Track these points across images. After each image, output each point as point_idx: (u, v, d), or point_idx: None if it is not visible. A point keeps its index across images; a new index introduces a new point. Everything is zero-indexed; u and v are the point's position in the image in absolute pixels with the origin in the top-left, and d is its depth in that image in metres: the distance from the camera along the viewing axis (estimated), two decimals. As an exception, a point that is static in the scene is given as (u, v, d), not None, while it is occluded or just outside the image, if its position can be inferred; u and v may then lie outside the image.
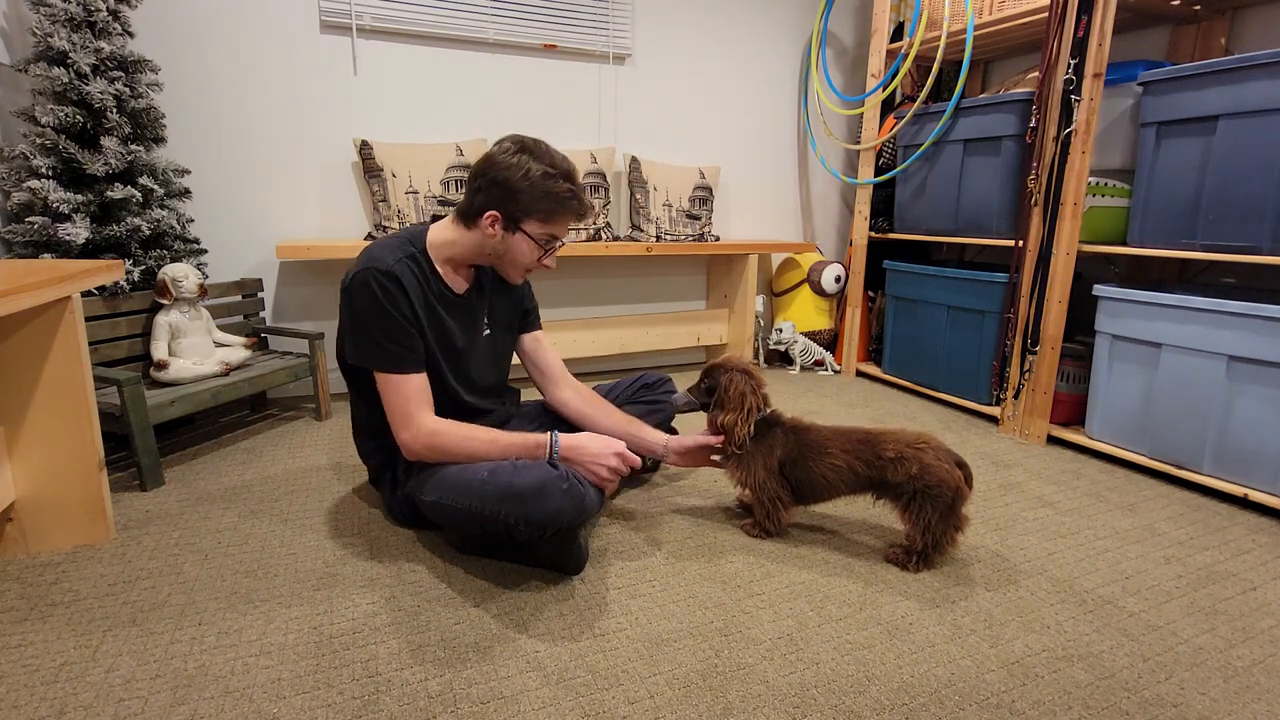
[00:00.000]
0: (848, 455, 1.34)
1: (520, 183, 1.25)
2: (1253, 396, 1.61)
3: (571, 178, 1.29)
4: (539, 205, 1.27)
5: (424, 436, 1.26)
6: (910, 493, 1.28)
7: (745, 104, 3.00)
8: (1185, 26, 2.17)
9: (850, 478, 1.34)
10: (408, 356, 1.27)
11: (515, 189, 1.25)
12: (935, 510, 1.27)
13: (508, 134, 1.32)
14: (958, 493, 1.27)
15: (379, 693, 0.96)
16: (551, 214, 1.29)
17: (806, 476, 1.38)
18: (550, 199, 1.27)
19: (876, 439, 1.33)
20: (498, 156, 1.27)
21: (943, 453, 1.30)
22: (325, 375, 2.15)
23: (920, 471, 1.26)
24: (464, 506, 1.20)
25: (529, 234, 1.30)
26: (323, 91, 2.30)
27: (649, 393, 1.70)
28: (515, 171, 1.25)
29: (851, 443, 1.35)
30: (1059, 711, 0.95)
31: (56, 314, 1.25)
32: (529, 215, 1.28)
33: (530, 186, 1.25)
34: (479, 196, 1.28)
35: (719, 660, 1.05)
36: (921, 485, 1.26)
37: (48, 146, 1.67)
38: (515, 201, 1.27)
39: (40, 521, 1.32)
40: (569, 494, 1.17)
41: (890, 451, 1.30)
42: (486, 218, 1.28)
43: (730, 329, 2.92)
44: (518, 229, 1.29)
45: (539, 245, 1.32)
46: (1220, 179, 1.68)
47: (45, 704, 0.93)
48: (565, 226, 1.35)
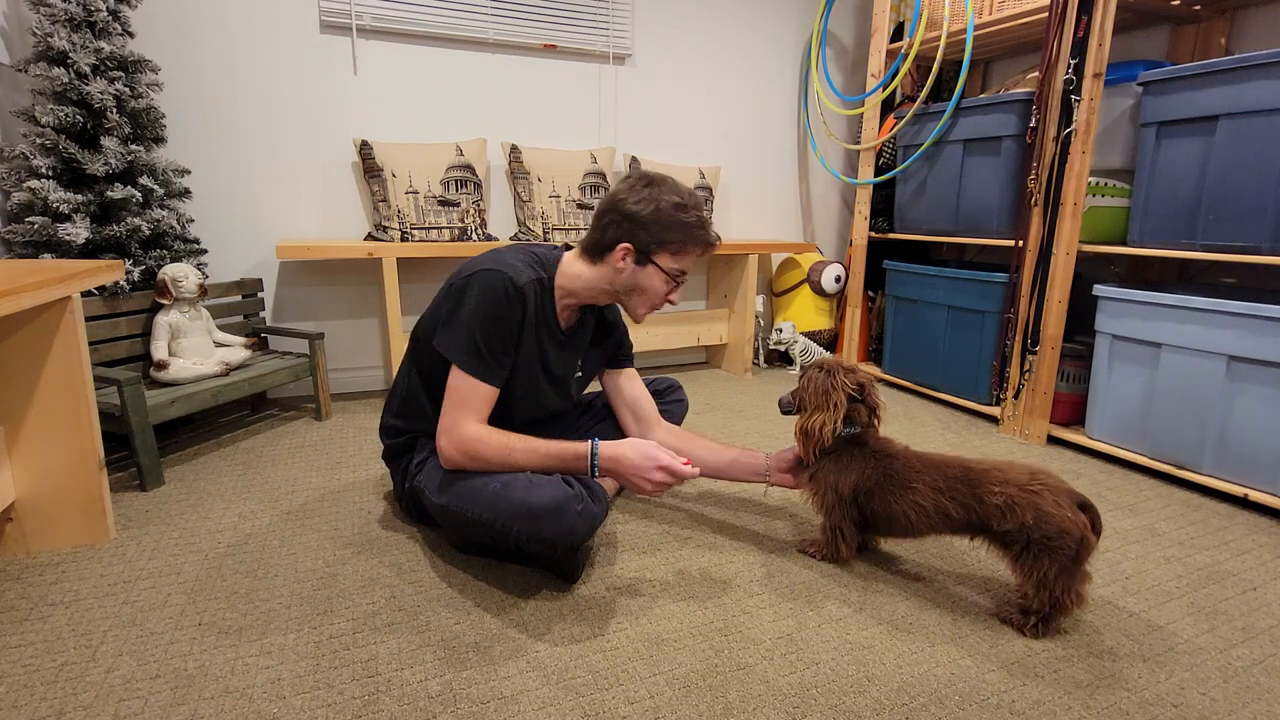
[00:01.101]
0: (938, 495, 1.17)
1: (652, 215, 1.26)
2: (1253, 396, 1.61)
3: (699, 208, 1.30)
4: (671, 236, 1.27)
5: (464, 444, 1.22)
6: (1023, 543, 1.09)
7: (745, 104, 3.01)
8: (1185, 26, 2.17)
9: (939, 520, 1.17)
10: (493, 368, 1.24)
11: (647, 221, 1.26)
12: (1054, 564, 1.07)
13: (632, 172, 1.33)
14: (1082, 544, 1.06)
15: (379, 693, 0.96)
16: (683, 245, 1.29)
17: (885, 510, 1.22)
18: (681, 230, 1.27)
19: (979, 478, 1.14)
20: (628, 191, 1.28)
21: (1063, 495, 1.09)
22: (325, 375, 2.15)
23: (1036, 520, 1.07)
24: (474, 516, 1.19)
25: (660, 266, 1.29)
26: (323, 91, 2.30)
27: (659, 399, 1.65)
28: (647, 205, 1.26)
29: (946, 479, 1.17)
30: (1059, 711, 0.95)
31: (56, 314, 1.25)
32: (661, 247, 1.28)
33: (661, 218, 1.26)
34: (610, 230, 1.28)
35: (719, 660, 1.05)
36: (1038, 536, 1.07)
37: (48, 146, 1.67)
38: (647, 233, 1.27)
39: (40, 521, 1.32)
40: (583, 515, 1.17)
41: (997, 497, 1.11)
42: (619, 250, 1.28)
43: (730, 329, 2.93)
44: (649, 262, 1.29)
45: (669, 278, 1.31)
46: (1220, 179, 1.68)
47: (45, 704, 0.93)
48: (693, 258, 1.33)
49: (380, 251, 2.13)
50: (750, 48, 2.96)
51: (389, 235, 2.26)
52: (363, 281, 2.47)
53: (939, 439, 2.10)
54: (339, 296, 2.45)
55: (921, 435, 2.13)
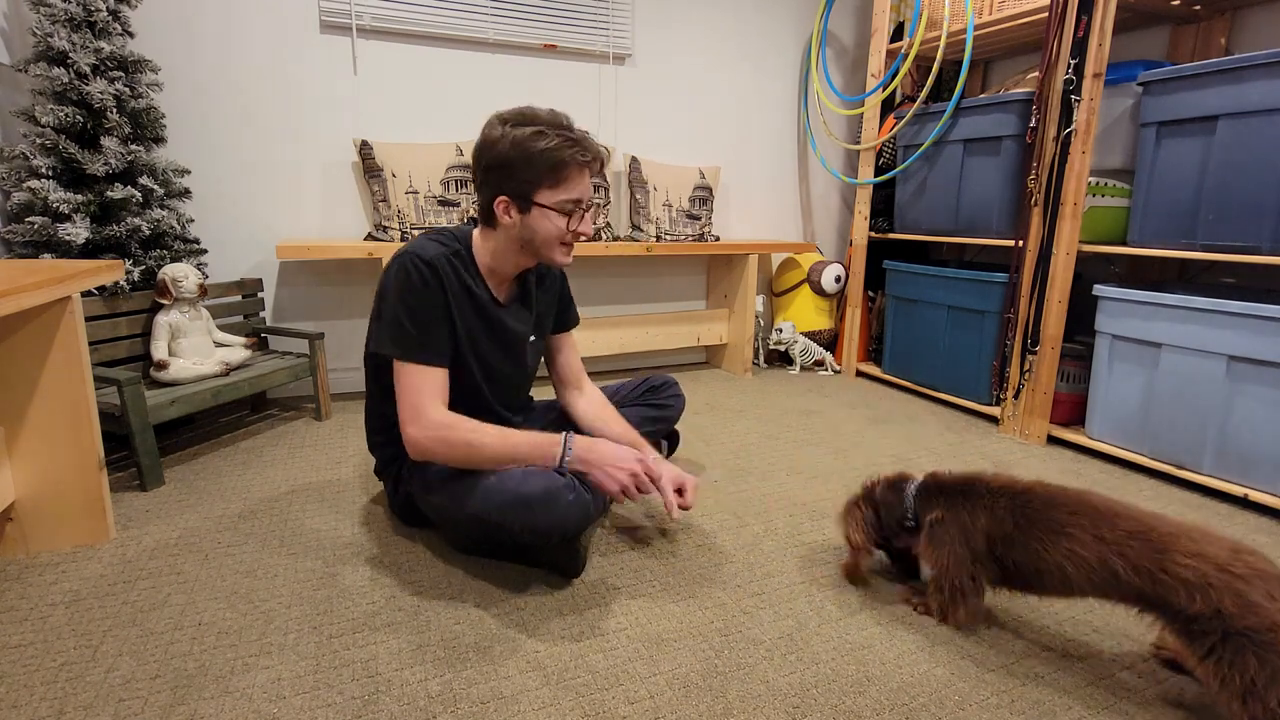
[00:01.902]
0: (1103, 546, 0.93)
1: (510, 154, 1.15)
2: (1253, 396, 1.61)
3: (564, 127, 1.17)
4: (540, 168, 1.16)
5: (432, 429, 1.17)
6: (1217, 636, 0.84)
7: (745, 104, 3.00)
8: (1185, 26, 2.17)
9: (1104, 579, 0.93)
10: (430, 346, 1.20)
11: (508, 163, 1.15)
12: (1264, 669, 0.81)
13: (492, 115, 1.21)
14: None
15: (379, 693, 0.96)
16: (558, 173, 1.17)
17: (1031, 561, 1.00)
18: (548, 157, 1.15)
19: (1163, 540, 0.90)
20: (484, 138, 1.18)
21: (1276, 584, 0.84)
22: (325, 375, 2.15)
23: (1239, 611, 0.83)
24: (468, 511, 1.19)
25: (545, 205, 1.19)
26: (323, 91, 2.30)
27: (654, 395, 1.67)
28: (503, 145, 1.15)
29: (1115, 529, 0.94)
30: (1059, 711, 0.95)
31: (56, 314, 1.25)
32: (536, 186, 1.17)
33: (522, 154, 1.14)
34: (484, 190, 1.21)
35: (719, 660, 1.05)
36: (1239, 628, 0.83)
37: (48, 146, 1.67)
38: (514, 177, 1.16)
39: (40, 521, 1.32)
40: (576, 503, 1.17)
41: (1186, 569, 0.87)
42: (498, 205, 1.20)
43: (730, 329, 2.92)
44: (532, 205, 1.19)
45: (562, 213, 1.20)
46: (1220, 179, 1.68)
47: (45, 704, 0.93)
48: (580, 182, 1.21)
49: (380, 251, 2.13)
50: (750, 48, 2.96)
51: (389, 235, 2.26)
52: (363, 281, 2.47)
53: (939, 439, 2.10)
54: (339, 296, 2.45)
55: (921, 435, 2.13)
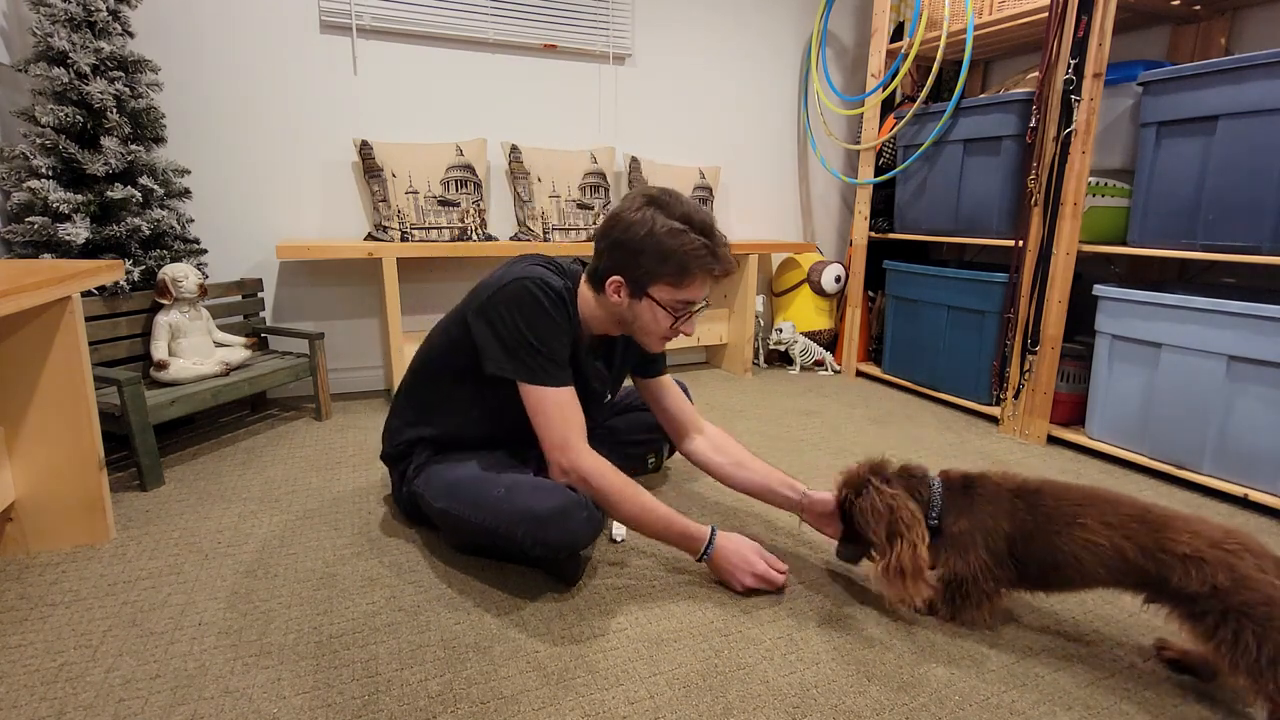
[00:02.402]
0: (1112, 531, 0.97)
1: (644, 242, 1.11)
2: (1253, 396, 1.61)
3: (706, 231, 1.14)
4: (666, 267, 1.13)
5: (589, 474, 1.17)
6: (1217, 614, 0.88)
7: (745, 104, 3.00)
8: (1185, 26, 2.17)
9: (1115, 563, 0.97)
10: (565, 371, 1.18)
11: (638, 249, 1.12)
12: (1268, 643, 0.84)
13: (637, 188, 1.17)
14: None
15: (379, 693, 0.96)
16: (683, 276, 1.14)
17: (1049, 556, 1.02)
18: (679, 259, 1.12)
19: (1161, 521, 0.96)
20: (622, 213, 1.15)
21: (1268, 561, 0.89)
22: (325, 375, 2.15)
23: (1233, 585, 0.87)
24: (477, 521, 1.18)
25: (657, 300, 1.16)
26: (323, 91, 2.30)
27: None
28: (639, 229, 1.11)
29: (1119, 515, 0.99)
30: (1059, 711, 0.95)
31: (56, 314, 1.25)
32: (656, 279, 1.14)
33: (655, 245, 1.11)
34: (603, 260, 1.18)
35: (719, 660, 1.05)
36: (1235, 603, 0.87)
37: (48, 146, 1.67)
38: (638, 264, 1.13)
39: (40, 521, 1.32)
40: (589, 520, 1.16)
41: (1183, 545, 0.92)
42: (611, 284, 1.17)
43: (730, 329, 2.92)
44: (644, 295, 1.16)
45: (670, 312, 1.17)
46: (1220, 179, 1.68)
47: (45, 704, 0.93)
48: (702, 288, 1.18)
49: (380, 251, 2.13)
50: (750, 48, 2.96)
51: (389, 235, 2.26)
52: (363, 281, 2.47)
53: (939, 439, 2.10)
54: (339, 296, 2.45)
55: (921, 435, 2.13)
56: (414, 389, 1.40)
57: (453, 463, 1.31)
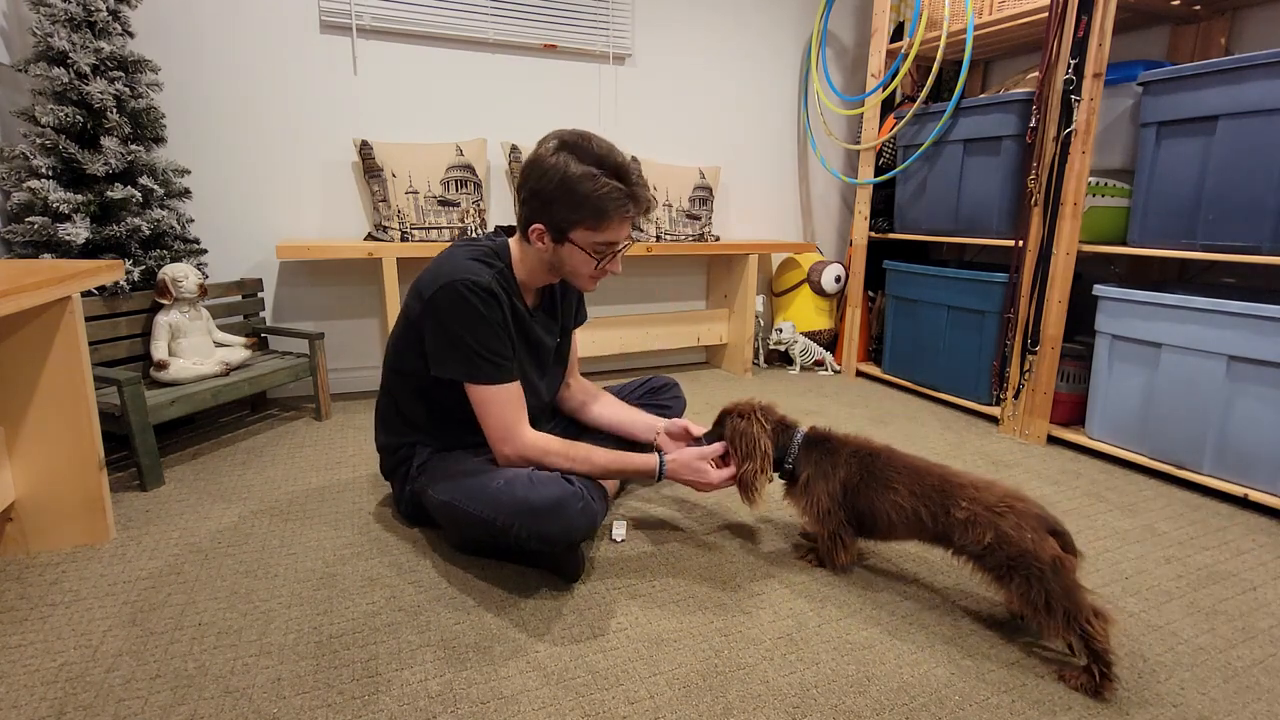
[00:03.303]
0: (915, 499, 1.14)
1: (558, 190, 1.13)
2: (1253, 396, 1.61)
3: (620, 174, 1.15)
4: (582, 213, 1.14)
5: (530, 453, 1.23)
6: (998, 565, 1.04)
7: (745, 104, 3.00)
8: (1185, 26, 2.17)
9: (915, 525, 1.15)
10: (505, 367, 1.22)
11: (552, 198, 1.14)
12: (1039, 587, 0.99)
13: (553, 130, 1.19)
14: (1056, 565, 0.99)
15: (379, 693, 0.96)
16: (599, 220, 1.15)
17: (869, 509, 1.20)
18: (594, 204, 1.13)
19: (952, 490, 1.11)
20: (537, 159, 1.16)
21: (1030, 519, 1.03)
22: (325, 375, 2.15)
23: (996, 541, 1.03)
24: (475, 513, 1.19)
25: (578, 244, 1.18)
26: (323, 91, 2.30)
27: (655, 396, 1.70)
28: (553, 176, 1.13)
29: (923, 485, 1.14)
30: (1059, 711, 0.95)
31: (56, 314, 1.25)
32: (574, 225, 1.16)
33: (568, 192, 1.13)
34: (524, 208, 1.21)
35: (719, 660, 1.05)
36: (1003, 557, 1.03)
37: (48, 146, 1.67)
38: (555, 211, 1.15)
39: (40, 521, 1.32)
40: (584, 512, 1.17)
41: (962, 511, 1.08)
42: (533, 231, 1.20)
43: (730, 329, 2.92)
44: (565, 240, 1.19)
45: (592, 255, 1.20)
46: (1220, 179, 1.68)
47: (45, 704, 0.93)
48: (620, 229, 1.20)
49: (380, 251, 2.13)
50: (750, 48, 2.96)
51: (389, 235, 2.26)
52: (363, 281, 2.47)
53: (939, 439, 2.10)
54: (339, 296, 2.45)
55: (921, 435, 2.13)
56: (394, 403, 1.39)
57: (455, 458, 1.32)
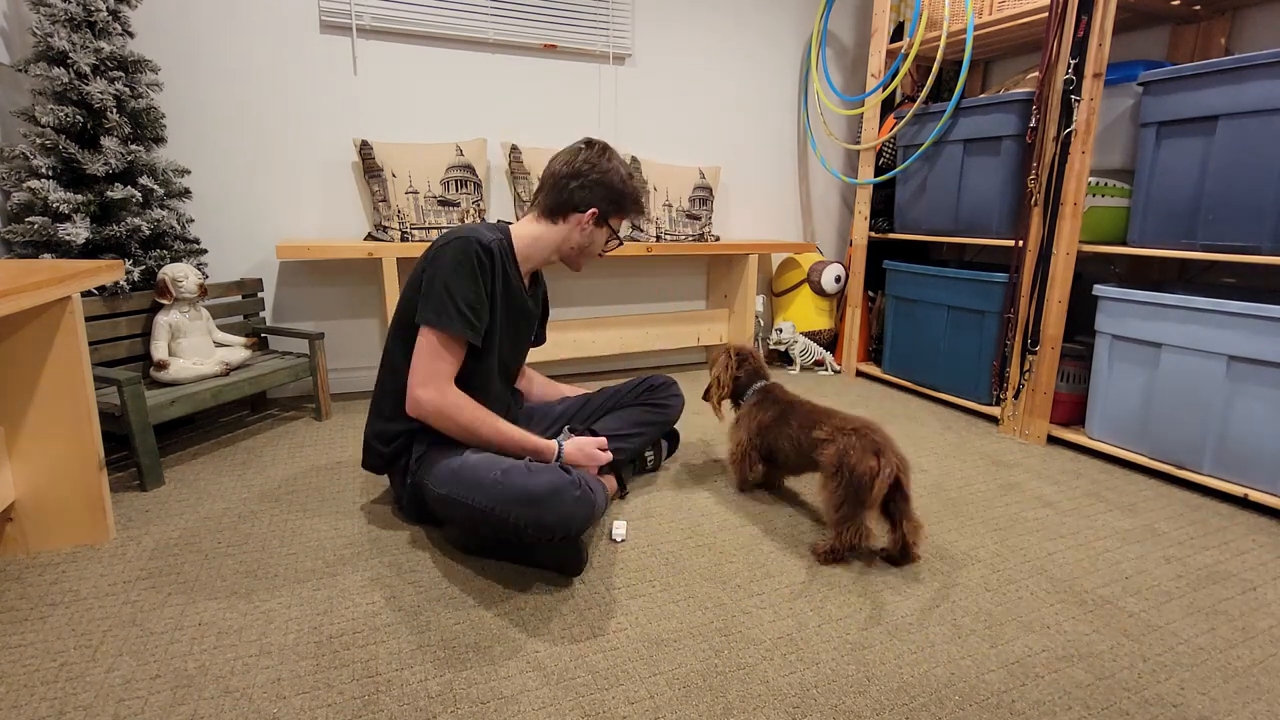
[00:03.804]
0: (799, 429, 1.44)
1: (620, 184, 1.44)
2: (1253, 396, 1.61)
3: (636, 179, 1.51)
4: (626, 203, 1.47)
5: (442, 401, 1.31)
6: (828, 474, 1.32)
7: (745, 104, 3.00)
8: (1185, 26, 2.17)
9: (796, 450, 1.45)
10: (471, 328, 1.32)
11: (616, 189, 1.44)
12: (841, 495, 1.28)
13: (582, 141, 1.46)
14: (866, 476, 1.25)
15: (379, 693, 0.96)
16: (626, 212, 1.49)
17: (774, 443, 1.52)
18: (633, 198, 1.47)
19: (819, 418, 1.41)
20: (595, 159, 1.43)
21: (864, 440, 1.29)
22: (325, 375, 2.15)
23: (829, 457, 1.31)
24: (474, 504, 1.20)
25: (613, 228, 1.49)
26: (323, 91, 2.30)
27: (653, 395, 1.70)
28: (615, 174, 1.44)
29: (808, 423, 1.43)
30: (1059, 711, 0.95)
31: (56, 314, 1.25)
32: (618, 212, 1.47)
33: (624, 186, 1.45)
34: (580, 194, 1.42)
35: (719, 660, 1.05)
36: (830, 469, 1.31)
37: (48, 146, 1.67)
38: (611, 199, 1.44)
39: (40, 521, 1.32)
40: (581, 500, 1.18)
41: (821, 432, 1.37)
42: (589, 214, 1.43)
43: (730, 329, 2.92)
44: (605, 224, 1.47)
45: (616, 237, 1.52)
46: (1220, 179, 1.68)
47: (45, 704, 0.93)
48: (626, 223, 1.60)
49: (380, 251, 2.13)
50: (750, 48, 2.96)
51: (389, 235, 2.26)
52: (363, 281, 2.47)
53: (939, 439, 2.10)
54: (339, 296, 2.45)
55: (921, 435, 2.13)
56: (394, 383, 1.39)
57: (454, 451, 1.33)
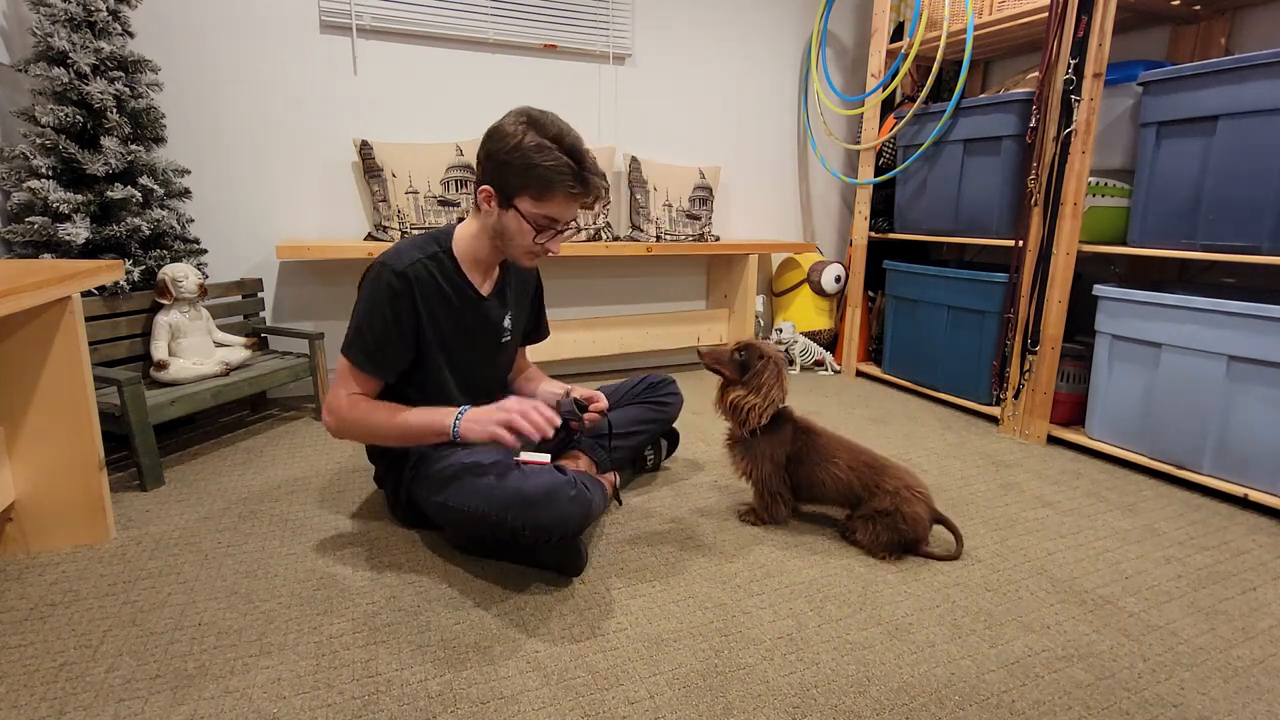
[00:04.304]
0: (850, 472, 1.39)
1: (511, 154, 1.17)
2: (1253, 396, 1.61)
3: (574, 154, 1.20)
4: (528, 179, 1.18)
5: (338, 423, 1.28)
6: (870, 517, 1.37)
7: (745, 104, 3.00)
8: (1185, 26, 2.17)
9: (847, 492, 1.41)
10: (376, 360, 1.28)
11: (505, 161, 1.18)
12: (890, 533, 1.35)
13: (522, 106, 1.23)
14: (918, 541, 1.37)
15: (379, 693, 0.96)
16: (544, 190, 1.19)
17: (809, 478, 1.43)
18: (541, 173, 1.17)
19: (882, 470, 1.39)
20: (497, 127, 1.21)
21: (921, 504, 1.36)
22: (325, 375, 2.15)
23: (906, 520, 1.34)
24: (470, 509, 1.20)
25: (520, 211, 1.22)
26: (323, 91, 2.30)
27: (653, 394, 1.70)
28: (509, 142, 1.17)
29: (859, 462, 1.40)
30: (1059, 711, 0.95)
31: (56, 314, 1.25)
32: (520, 191, 1.20)
33: (521, 159, 1.17)
34: (477, 171, 1.26)
35: (719, 660, 1.05)
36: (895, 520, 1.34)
37: (48, 146, 1.67)
38: (505, 175, 1.20)
39: (40, 521, 1.32)
40: (576, 500, 1.17)
41: (889, 485, 1.36)
42: (481, 193, 1.25)
43: (730, 329, 2.92)
44: (510, 205, 1.22)
45: (534, 226, 1.23)
46: (1220, 179, 1.68)
47: (45, 704, 0.93)
48: (564, 208, 1.23)
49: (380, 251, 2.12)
50: (750, 47, 2.96)
51: (389, 235, 2.26)
52: (363, 281, 2.46)
53: (939, 439, 2.10)
54: (339, 296, 2.45)
55: (921, 435, 2.13)
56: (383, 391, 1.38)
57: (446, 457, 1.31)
